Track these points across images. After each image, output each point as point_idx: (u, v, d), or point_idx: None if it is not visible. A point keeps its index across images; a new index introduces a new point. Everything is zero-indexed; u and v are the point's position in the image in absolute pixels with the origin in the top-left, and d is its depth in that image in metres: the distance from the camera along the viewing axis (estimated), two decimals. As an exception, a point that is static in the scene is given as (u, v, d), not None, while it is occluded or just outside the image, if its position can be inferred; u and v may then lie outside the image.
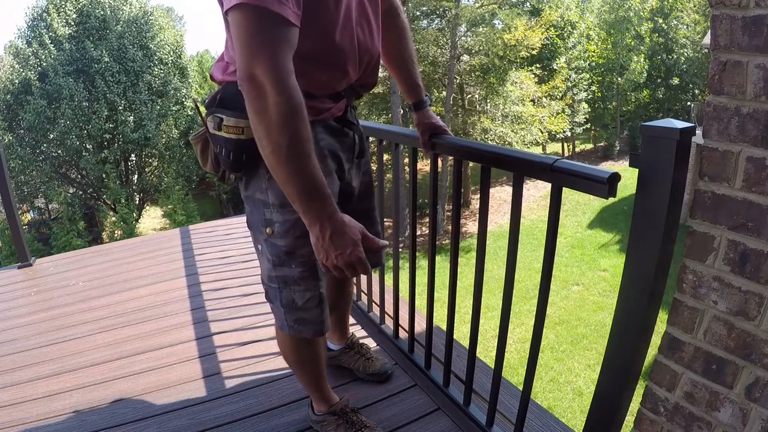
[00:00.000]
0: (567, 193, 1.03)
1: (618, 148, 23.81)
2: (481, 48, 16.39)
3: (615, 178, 0.93)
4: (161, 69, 17.40)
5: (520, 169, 1.16)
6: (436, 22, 17.32)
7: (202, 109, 1.18)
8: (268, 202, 1.17)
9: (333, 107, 1.20)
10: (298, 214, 1.12)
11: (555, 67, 19.74)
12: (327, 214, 0.96)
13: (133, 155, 18.44)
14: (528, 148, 16.66)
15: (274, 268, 1.21)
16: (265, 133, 0.93)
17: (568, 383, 8.20)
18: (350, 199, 1.34)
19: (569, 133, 20.80)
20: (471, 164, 11.05)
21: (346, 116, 1.26)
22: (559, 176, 1.04)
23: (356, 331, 2.06)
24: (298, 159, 0.93)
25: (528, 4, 19.07)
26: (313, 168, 0.95)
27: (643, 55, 22.14)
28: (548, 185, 1.08)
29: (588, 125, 23.45)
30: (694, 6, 22.28)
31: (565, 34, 20.48)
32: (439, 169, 1.85)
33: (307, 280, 1.21)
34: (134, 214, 17.18)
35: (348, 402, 1.50)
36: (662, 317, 0.90)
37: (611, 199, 0.96)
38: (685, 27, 22.68)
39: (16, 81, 15.93)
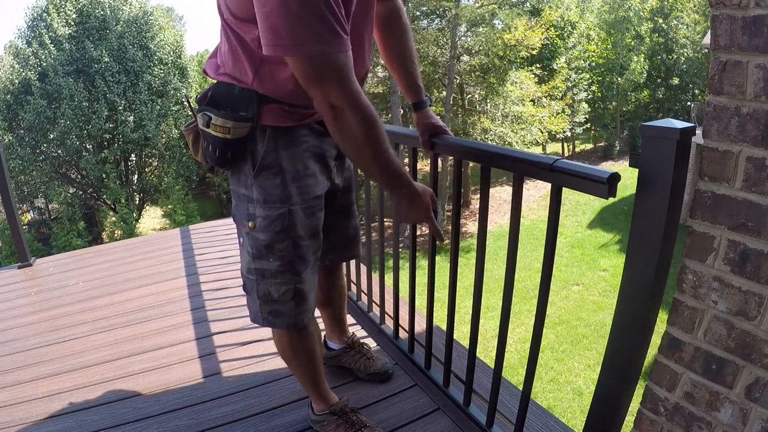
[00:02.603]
0: (567, 193, 1.03)
1: (618, 148, 23.81)
2: (481, 48, 16.38)
3: (615, 178, 0.93)
4: (161, 69, 17.39)
5: (519, 169, 1.16)
6: (436, 22, 17.31)
7: (194, 103, 1.22)
8: (252, 197, 1.21)
9: (316, 113, 1.22)
10: (280, 211, 1.20)
11: (555, 67, 19.73)
12: (409, 191, 1.17)
13: (133, 155, 18.42)
14: (528, 148, 16.65)
15: (253, 261, 1.25)
16: (352, 148, 1.07)
17: (568, 383, 8.20)
18: (335, 195, 1.38)
19: (569, 133, 20.80)
20: (471, 164, 11.05)
21: None
22: (558, 176, 1.04)
23: (356, 331, 2.06)
24: (381, 160, 1.09)
25: (528, 4, 19.05)
26: (392, 161, 1.11)
27: (643, 55, 22.13)
28: (548, 185, 1.08)
29: (588, 125, 23.44)
30: (694, 6, 22.27)
31: (565, 34, 20.47)
32: (440, 169, 1.85)
33: (284, 274, 1.24)
34: (134, 214, 17.17)
35: (348, 402, 1.50)
36: (662, 317, 0.90)
37: (611, 199, 0.96)
38: (685, 27, 22.66)
39: (16, 81, 15.92)
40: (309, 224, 1.25)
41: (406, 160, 1.61)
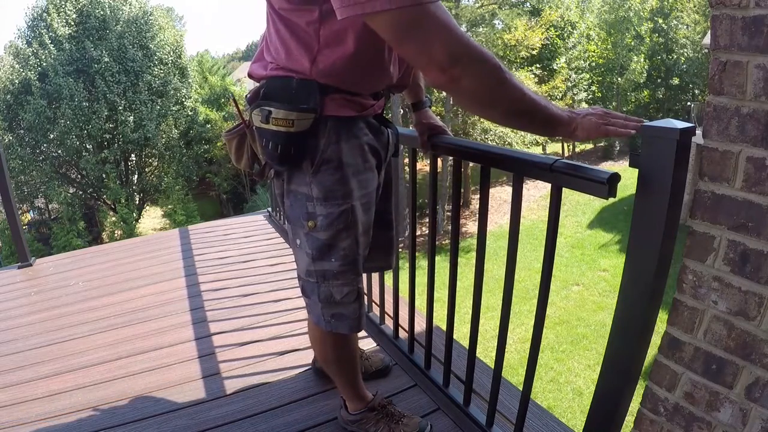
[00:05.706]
0: (567, 193, 1.03)
1: (618, 148, 23.79)
2: (481, 48, 16.37)
3: (615, 178, 0.93)
4: (161, 69, 17.40)
5: (519, 169, 1.16)
6: (436, 22, 17.30)
7: (242, 104, 1.17)
8: (311, 195, 1.15)
9: (375, 104, 1.20)
10: (342, 208, 1.14)
11: (555, 68, 19.72)
12: (566, 115, 1.01)
13: (133, 155, 18.44)
14: (528, 148, 16.65)
15: (313, 262, 1.20)
16: (499, 114, 0.96)
17: (568, 383, 8.20)
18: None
19: (569, 133, 20.78)
20: (471, 164, 11.06)
21: (383, 114, 1.27)
22: (558, 176, 1.04)
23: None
24: (533, 110, 0.96)
25: (528, 4, 19.06)
26: (543, 104, 0.98)
27: (643, 55, 22.12)
28: (548, 185, 1.08)
29: (588, 125, 23.41)
30: (694, 6, 22.26)
31: (565, 34, 20.46)
32: (439, 169, 1.86)
33: (346, 274, 1.20)
34: (134, 214, 17.18)
35: (382, 396, 1.50)
36: (662, 317, 0.90)
37: (611, 199, 0.96)
38: (685, 27, 22.65)
39: (16, 81, 15.92)
40: (366, 220, 1.21)
41: (407, 160, 1.61)
